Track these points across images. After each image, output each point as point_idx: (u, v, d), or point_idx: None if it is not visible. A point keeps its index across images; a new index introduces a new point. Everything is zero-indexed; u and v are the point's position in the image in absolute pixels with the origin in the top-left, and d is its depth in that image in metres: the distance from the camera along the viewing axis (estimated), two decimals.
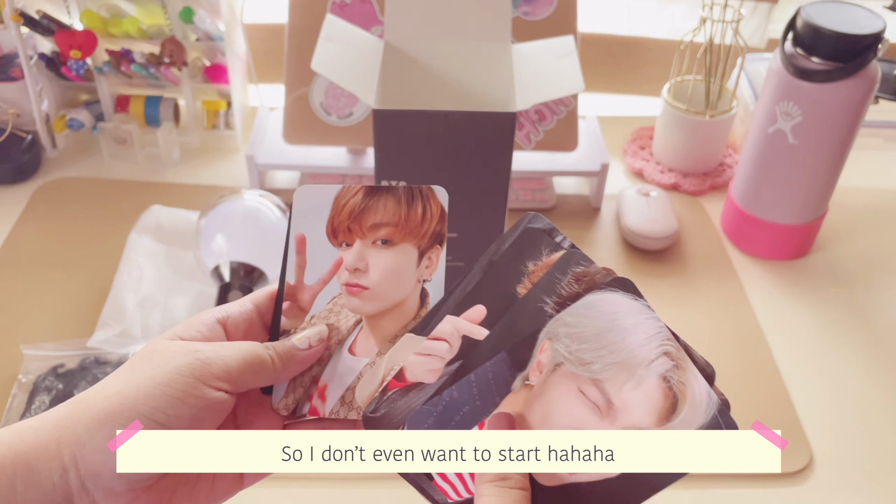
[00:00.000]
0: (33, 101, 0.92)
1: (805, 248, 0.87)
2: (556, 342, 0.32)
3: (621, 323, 0.31)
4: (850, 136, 0.77)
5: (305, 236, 0.39)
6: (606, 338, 0.31)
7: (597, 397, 0.31)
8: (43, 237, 0.85)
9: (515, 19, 0.87)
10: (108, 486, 0.31)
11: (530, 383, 0.32)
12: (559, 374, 0.32)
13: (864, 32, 0.72)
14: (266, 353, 0.36)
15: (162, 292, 0.76)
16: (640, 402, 0.30)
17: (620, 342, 0.31)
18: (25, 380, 0.67)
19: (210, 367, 0.34)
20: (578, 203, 0.93)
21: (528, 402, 0.33)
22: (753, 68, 1.03)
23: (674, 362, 0.30)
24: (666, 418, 0.30)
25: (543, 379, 0.32)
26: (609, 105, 1.12)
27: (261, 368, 0.36)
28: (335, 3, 0.86)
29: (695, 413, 0.30)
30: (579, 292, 0.32)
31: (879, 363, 0.76)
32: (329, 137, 0.89)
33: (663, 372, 0.30)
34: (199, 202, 0.86)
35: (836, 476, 0.66)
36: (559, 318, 0.32)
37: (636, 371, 0.30)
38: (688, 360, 0.31)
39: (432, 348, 0.35)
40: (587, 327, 0.31)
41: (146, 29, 0.92)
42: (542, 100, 0.63)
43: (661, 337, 0.31)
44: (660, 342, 0.31)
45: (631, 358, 0.31)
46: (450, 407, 0.34)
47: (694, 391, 0.30)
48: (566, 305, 0.32)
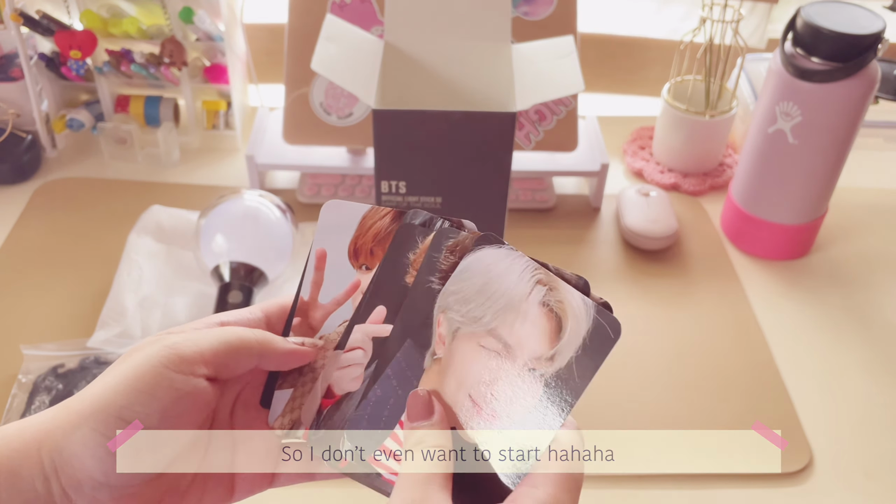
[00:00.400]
0: (33, 101, 0.92)
1: (805, 248, 0.87)
2: (449, 312, 0.35)
3: (494, 272, 0.34)
4: (850, 136, 0.77)
5: (326, 252, 0.38)
6: (487, 290, 0.34)
7: (495, 345, 0.34)
8: (43, 237, 0.85)
9: (515, 19, 0.87)
10: (90, 494, 0.30)
11: (438, 357, 0.35)
12: (459, 339, 0.34)
13: (864, 32, 0.72)
14: (247, 331, 0.34)
15: (162, 292, 0.76)
16: (531, 332, 0.33)
17: (499, 289, 0.34)
18: (25, 380, 0.67)
19: (179, 351, 0.32)
20: (578, 203, 0.93)
21: (440, 375, 0.35)
22: (753, 68, 1.03)
23: (546, 286, 0.33)
24: (556, 337, 0.33)
25: (448, 349, 0.35)
26: (609, 105, 1.12)
27: (239, 346, 0.34)
28: (335, 3, 0.86)
29: (578, 322, 0.33)
30: (456, 262, 0.35)
31: (879, 363, 0.76)
32: (329, 137, 0.89)
33: (541, 299, 0.33)
34: (199, 202, 0.86)
35: (836, 476, 0.66)
36: (444, 290, 0.35)
37: (519, 307, 0.33)
38: (558, 280, 0.33)
39: (350, 359, 0.37)
40: (469, 288, 0.34)
41: (146, 29, 0.92)
42: (542, 100, 0.63)
43: (530, 270, 0.34)
44: (530, 274, 0.33)
45: (511, 298, 0.33)
46: (377, 405, 0.36)
47: (571, 304, 0.33)
48: (448, 278, 0.35)
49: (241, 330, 0.34)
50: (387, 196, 0.65)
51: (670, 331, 0.77)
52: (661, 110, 0.97)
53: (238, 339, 0.34)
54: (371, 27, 0.86)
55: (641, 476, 0.65)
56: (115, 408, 0.30)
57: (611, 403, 0.70)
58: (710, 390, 0.72)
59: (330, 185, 0.92)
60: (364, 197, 0.91)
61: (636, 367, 0.74)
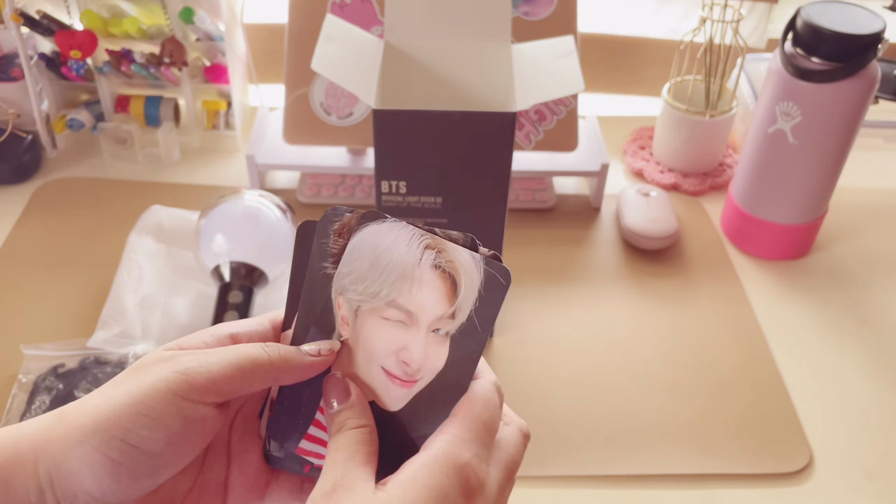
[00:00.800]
0: (33, 101, 0.92)
1: (805, 248, 0.87)
2: (346, 293, 0.35)
3: (382, 246, 0.35)
4: (850, 136, 0.77)
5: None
6: (379, 265, 0.35)
7: (397, 315, 0.34)
8: (43, 237, 0.85)
9: (515, 19, 0.87)
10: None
11: (345, 338, 0.35)
12: (361, 316, 0.35)
13: (864, 32, 0.72)
14: (261, 352, 0.33)
15: (162, 292, 0.76)
16: (429, 295, 0.34)
17: (390, 261, 0.34)
18: (25, 380, 0.67)
19: (190, 379, 0.31)
20: (578, 203, 0.93)
21: (350, 355, 0.35)
22: (753, 68, 1.03)
23: (435, 249, 0.34)
24: (454, 295, 0.34)
25: (352, 328, 0.35)
26: (609, 105, 1.12)
27: (253, 371, 0.32)
28: (335, 3, 0.86)
29: (471, 277, 0.34)
30: (344, 244, 0.35)
31: (879, 363, 0.76)
32: (329, 137, 0.89)
33: (432, 262, 0.34)
34: (199, 202, 0.86)
35: (836, 476, 0.66)
36: (337, 273, 0.35)
37: (413, 274, 0.34)
38: (445, 241, 0.34)
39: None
40: (360, 267, 0.35)
41: (146, 29, 0.92)
42: (542, 100, 0.63)
43: (416, 236, 0.34)
44: (418, 241, 0.34)
45: (404, 267, 0.34)
46: (292, 398, 0.36)
47: (461, 262, 0.34)
48: (340, 261, 0.36)
49: (255, 351, 0.33)
50: (387, 196, 0.65)
51: (670, 331, 0.77)
52: (661, 110, 0.97)
53: (252, 363, 0.33)
54: (371, 27, 0.86)
55: (641, 476, 0.65)
56: (119, 430, 0.30)
57: (610, 403, 0.70)
58: (710, 390, 0.72)
59: (330, 185, 0.92)
60: (364, 197, 0.91)
61: (636, 366, 0.74)
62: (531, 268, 0.84)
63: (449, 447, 0.31)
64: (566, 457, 0.66)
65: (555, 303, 0.80)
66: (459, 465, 0.30)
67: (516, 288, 0.81)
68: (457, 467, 0.30)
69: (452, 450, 0.31)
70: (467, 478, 0.30)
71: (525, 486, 0.64)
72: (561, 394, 0.71)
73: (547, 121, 0.89)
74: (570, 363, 0.74)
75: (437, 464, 0.30)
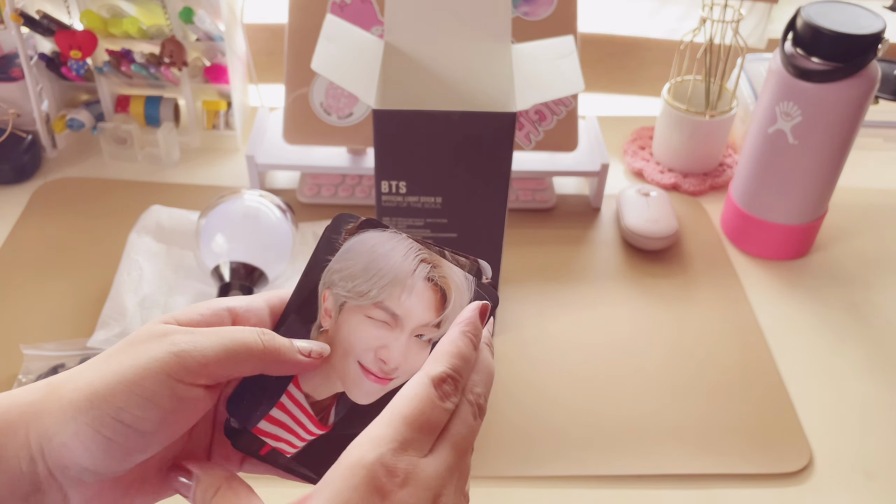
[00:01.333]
0: (33, 101, 0.92)
1: (805, 248, 0.87)
2: (334, 288, 0.37)
3: (380, 252, 0.37)
4: (850, 136, 0.77)
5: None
6: (372, 268, 0.37)
7: (382, 315, 0.36)
8: (43, 237, 0.85)
9: (515, 19, 0.87)
10: (76, 476, 0.31)
11: (325, 329, 0.37)
12: (346, 311, 0.37)
13: (864, 32, 0.72)
14: (256, 339, 0.34)
15: (162, 292, 0.76)
16: (417, 303, 0.36)
17: (385, 266, 0.36)
18: (26, 380, 0.68)
19: (184, 361, 0.31)
20: (578, 203, 0.93)
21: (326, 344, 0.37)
22: (753, 68, 1.03)
23: (430, 264, 0.36)
24: (442, 307, 0.36)
25: (334, 321, 0.37)
26: (609, 105, 1.12)
27: (246, 358, 0.33)
28: (335, 3, 0.86)
29: (461, 294, 0.36)
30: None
31: (879, 363, 0.76)
32: (329, 137, 0.89)
33: (426, 275, 0.36)
34: (199, 202, 0.87)
35: (836, 476, 0.66)
36: (329, 269, 0.37)
37: (405, 282, 0.36)
38: (441, 258, 0.36)
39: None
40: (353, 266, 0.37)
41: (146, 29, 0.92)
42: (542, 100, 0.63)
43: (414, 250, 0.36)
44: (415, 254, 0.36)
45: (397, 274, 0.36)
46: (260, 376, 0.36)
47: (454, 279, 0.36)
48: None
49: (250, 338, 0.34)
50: (387, 196, 0.65)
51: (670, 331, 0.77)
52: (661, 110, 0.97)
53: (246, 350, 0.33)
54: (371, 27, 0.86)
55: (641, 476, 0.65)
56: (111, 408, 0.30)
57: (611, 403, 0.70)
58: (710, 390, 0.72)
59: (330, 185, 0.92)
60: (364, 197, 0.91)
61: (636, 366, 0.74)
62: (531, 268, 0.84)
63: (352, 450, 0.30)
64: (566, 457, 0.66)
65: (555, 303, 0.80)
66: (363, 465, 0.30)
67: (516, 288, 0.81)
68: (360, 468, 0.30)
69: (355, 452, 0.30)
70: (374, 476, 0.29)
71: (525, 486, 0.64)
72: (561, 394, 0.71)
73: (547, 121, 0.89)
74: (569, 363, 0.74)
75: (338, 472, 0.30)
